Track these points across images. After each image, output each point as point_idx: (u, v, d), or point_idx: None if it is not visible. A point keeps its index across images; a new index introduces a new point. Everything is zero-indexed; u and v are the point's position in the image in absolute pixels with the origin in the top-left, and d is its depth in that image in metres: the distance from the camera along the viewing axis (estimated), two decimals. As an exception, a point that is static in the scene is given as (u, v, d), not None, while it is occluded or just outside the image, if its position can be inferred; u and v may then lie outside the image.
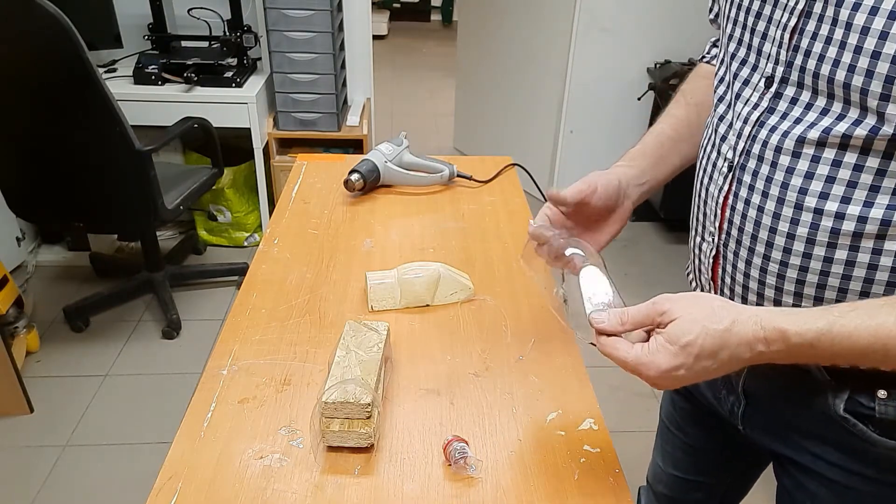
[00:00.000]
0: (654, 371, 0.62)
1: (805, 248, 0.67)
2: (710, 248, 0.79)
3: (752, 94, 0.71)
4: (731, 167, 0.73)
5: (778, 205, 0.68)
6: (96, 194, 2.10)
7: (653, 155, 0.91)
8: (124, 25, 2.57)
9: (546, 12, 3.00)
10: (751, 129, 0.71)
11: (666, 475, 1.08)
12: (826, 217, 0.65)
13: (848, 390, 0.71)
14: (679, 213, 2.95)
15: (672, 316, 0.62)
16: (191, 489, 0.72)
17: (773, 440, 0.83)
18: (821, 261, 0.67)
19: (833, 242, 0.65)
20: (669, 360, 0.61)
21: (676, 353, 0.61)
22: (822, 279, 0.67)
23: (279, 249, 1.14)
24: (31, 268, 2.68)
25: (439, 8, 6.65)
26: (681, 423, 1.02)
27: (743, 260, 0.74)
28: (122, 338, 2.35)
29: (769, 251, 0.70)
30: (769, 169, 0.69)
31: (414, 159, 1.36)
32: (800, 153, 0.66)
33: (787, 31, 0.66)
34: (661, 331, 0.63)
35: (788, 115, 0.67)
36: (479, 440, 0.78)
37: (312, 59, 2.50)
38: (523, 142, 3.34)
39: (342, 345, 0.83)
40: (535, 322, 0.99)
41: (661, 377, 0.62)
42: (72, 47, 1.79)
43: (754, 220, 0.71)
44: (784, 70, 0.67)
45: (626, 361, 0.64)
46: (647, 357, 0.62)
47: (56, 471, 1.84)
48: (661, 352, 0.62)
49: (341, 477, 0.74)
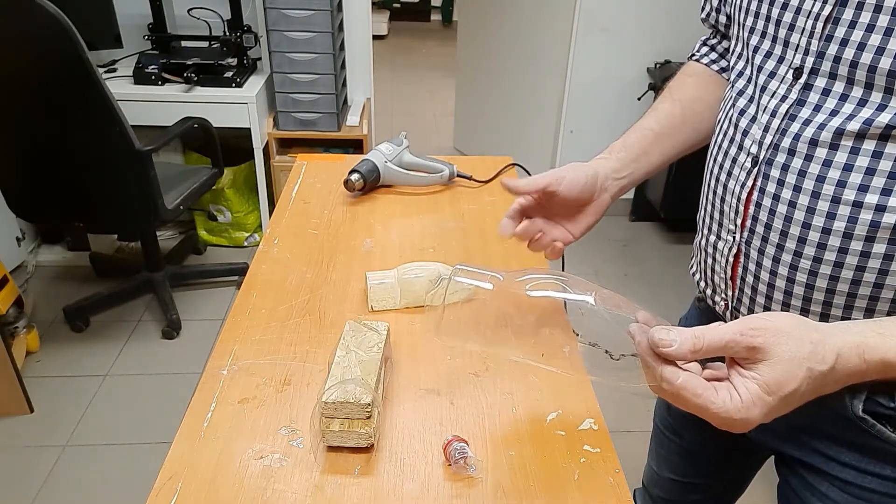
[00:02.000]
0: (744, 428, 0.52)
1: (842, 242, 0.65)
2: (728, 247, 0.77)
3: (780, 87, 0.69)
4: (755, 162, 0.72)
5: (812, 199, 0.66)
6: (96, 194, 2.10)
7: (635, 149, 0.90)
8: (124, 25, 2.57)
9: (546, 12, 3.00)
10: (779, 122, 0.69)
11: (662, 479, 1.07)
12: (865, 210, 0.63)
13: (866, 391, 0.70)
14: (679, 213, 2.95)
15: (767, 355, 0.51)
16: (191, 489, 0.72)
17: (781, 442, 0.81)
18: (857, 255, 0.65)
19: (872, 236, 0.64)
20: (765, 413, 0.51)
21: (776, 407, 0.51)
22: (857, 275, 0.66)
23: (279, 249, 1.14)
24: (31, 268, 2.68)
25: (439, 8, 6.66)
26: (676, 427, 1.01)
27: (770, 257, 0.72)
28: (122, 338, 2.35)
29: (801, 247, 0.68)
30: (802, 162, 0.67)
31: (414, 159, 1.36)
32: (838, 145, 0.64)
33: (820, 20, 0.64)
34: (752, 375, 0.52)
35: (822, 107, 0.65)
36: (479, 440, 0.78)
37: (312, 59, 2.50)
38: (523, 142, 3.34)
39: (342, 345, 0.83)
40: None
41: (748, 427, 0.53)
42: (72, 47, 1.79)
43: (784, 216, 0.69)
44: (815, 60, 0.65)
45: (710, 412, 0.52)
46: (740, 413, 0.51)
47: (56, 471, 1.84)
48: (758, 405, 0.51)
49: (341, 477, 0.74)
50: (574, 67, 2.94)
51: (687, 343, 0.53)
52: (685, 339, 0.53)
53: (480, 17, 3.43)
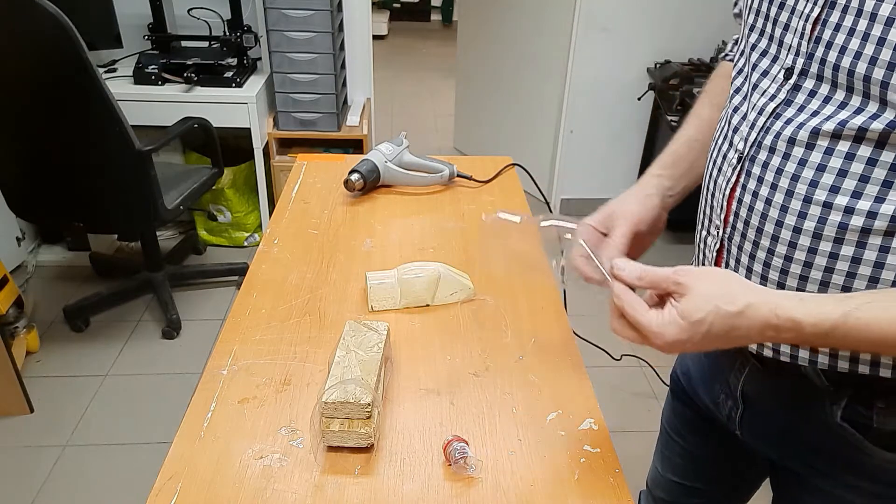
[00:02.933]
0: (661, 341, 0.62)
1: (811, 242, 0.66)
2: (714, 242, 0.78)
3: (771, 86, 0.70)
4: (740, 158, 0.72)
5: (787, 197, 0.67)
6: (96, 194, 2.10)
7: (685, 161, 0.90)
8: (124, 25, 2.57)
9: (546, 12, 3.00)
10: (765, 119, 0.69)
11: (665, 480, 1.08)
12: (835, 211, 0.64)
13: (846, 397, 0.70)
14: (679, 212, 2.94)
15: (688, 290, 0.62)
16: (191, 489, 0.72)
17: (771, 447, 0.82)
18: (826, 256, 0.65)
19: (840, 238, 0.64)
20: (677, 333, 0.61)
21: (685, 329, 0.61)
22: (825, 276, 0.66)
23: (279, 249, 1.14)
24: (31, 268, 2.68)
25: (439, 8, 6.65)
26: (681, 429, 1.02)
27: (747, 254, 0.72)
28: (122, 338, 2.35)
29: (774, 245, 0.69)
30: (780, 160, 0.67)
31: (414, 159, 1.36)
32: (814, 145, 0.65)
33: (810, 21, 0.64)
34: (675, 304, 0.62)
35: (805, 108, 0.66)
36: (479, 440, 0.78)
37: (312, 59, 2.50)
38: (523, 142, 3.34)
39: (342, 345, 0.83)
40: (534, 322, 0.99)
41: (668, 346, 0.63)
42: (72, 47, 1.79)
43: (761, 213, 0.70)
44: (804, 62, 0.66)
45: (639, 322, 0.63)
46: (658, 327, 0.62)
47: (56, 471, 1.84)
48: (672, 325, 0.62)
49: (341, 477, 0.74)
50: (574, 67, 2.93)
51: (635, 271, 0.66)
52: (634, 268, 0.66)
53: (480, 17, 3.43)
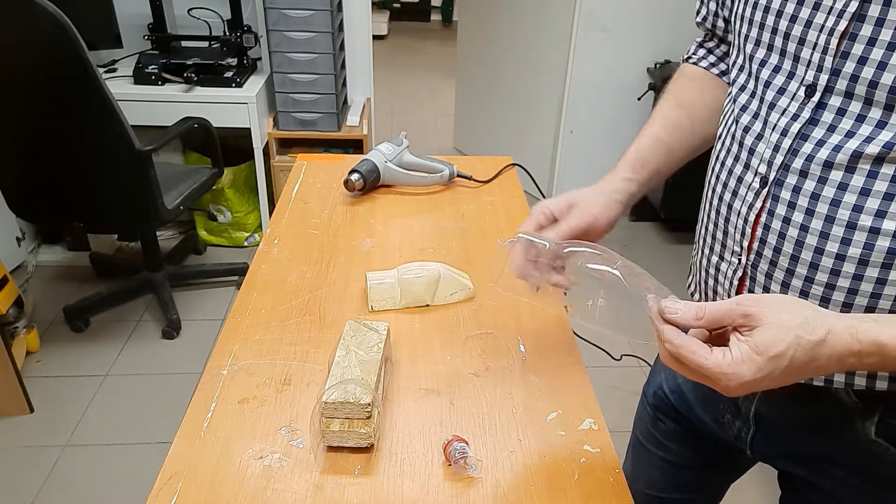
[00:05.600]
0: (736, 382, 0.56)
1: (856, 269, 0.63)
2: (732, 270, 0.74)
3: (790, 104, 0.66)
4: (764, 183, 0.68)
5: (826, 224, 0.63)
6: (96, 194, 2.10)
7: (652, 164, 0.88)
8: (124, 25, 2.57)
9: (546, 12, 3.00)
10: (791, 141, 0.66)
11: (636, 493, 1.06)
12: (883, 236, 0.61)
13: (878, 413, 0.68)
14: (679, 213, 2.95)
15: (759, 321, 0.56)
16: (191, 489, 0.72)
17: (788, 464, 0.80)
18: (873, 283, 0.62)
19: (889, 263, 0.61)
20: (754, 372, 0.55)
21: (763, 366, 0.55)
22: (872, 301, 0.63)
23: (279, 249, 1.14)
24: (31, 268, 2.68)
25: (439, 8, 6.66)
26: (662, 440, 0.99)
27: (778, 283, 0.69)
28: (122, 338, 2.35)
29: (813, 273, 0.65)
30: (815, 185, 0.64)
31: (414, 159, 1.36)
32: (854, 168, 0.61)
33: (835, 35, 0.61)
34: (745, 338, 0.56)
35: (837, 128, 0.63)
36: (479, 440, 0.78)
37: (312, 59, 2.50)
38: (523, 142, 3.34)
39: (342, 345, 0.83)
40: (535, 322, 0.99)
41: (741, 388, 0.56)
42: (72, 47, 1.79)
43: (795, 240, 0.66)
44: (829, 78, 0.62)
45: (704, 368, 0.56)
46: (731, 368, 0.55)
47: (56, 471, 1.84)
48: (747, 363, 0.55)
49: (341, 477, 0.74)
50: (574, 67, 2.94)
51: (691, 311, 0.59)
52: (689, 307, 0.59)
53: (480, 17, 3.43)
